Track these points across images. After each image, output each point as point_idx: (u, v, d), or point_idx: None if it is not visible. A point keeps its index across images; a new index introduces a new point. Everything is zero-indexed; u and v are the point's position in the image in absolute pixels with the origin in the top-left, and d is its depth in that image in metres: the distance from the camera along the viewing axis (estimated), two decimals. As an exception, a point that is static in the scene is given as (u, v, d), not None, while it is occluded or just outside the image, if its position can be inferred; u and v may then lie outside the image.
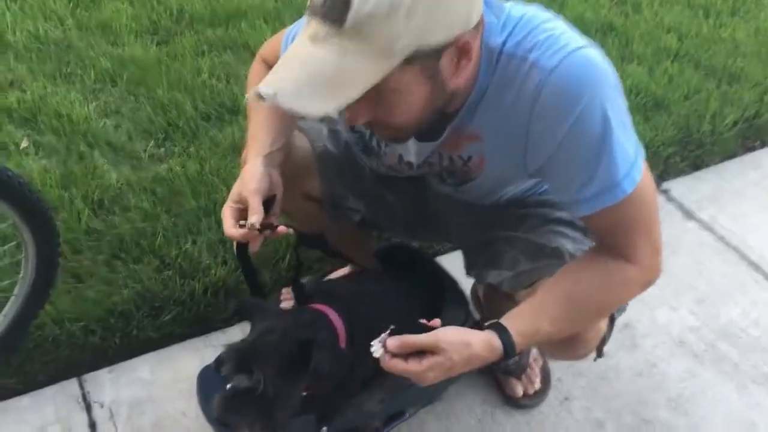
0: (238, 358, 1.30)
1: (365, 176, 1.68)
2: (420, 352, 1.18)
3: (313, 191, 1.69)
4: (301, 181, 1.66)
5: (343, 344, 1.42)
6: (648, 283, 1.32)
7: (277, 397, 1.30)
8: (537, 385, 1.89)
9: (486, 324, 1.25)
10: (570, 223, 1.53)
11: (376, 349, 1.18)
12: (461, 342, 1.19)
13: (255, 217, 1.32)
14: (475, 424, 1.83)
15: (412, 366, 1.17)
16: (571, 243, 1.50)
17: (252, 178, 1.40)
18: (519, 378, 1.89)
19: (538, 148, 1.27)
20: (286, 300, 2.06)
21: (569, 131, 1.20)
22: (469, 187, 1.54)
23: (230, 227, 1.34)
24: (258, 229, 1.31)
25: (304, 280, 2.12)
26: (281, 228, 1.40)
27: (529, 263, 1.50)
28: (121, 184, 2.34)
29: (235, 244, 1.43)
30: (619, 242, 1.29)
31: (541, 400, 1.89)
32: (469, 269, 1.67)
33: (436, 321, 1.23)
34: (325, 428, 1.52)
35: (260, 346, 1.31)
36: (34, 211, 1.64)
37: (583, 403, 1.90)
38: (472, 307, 1.86)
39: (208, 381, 1.60)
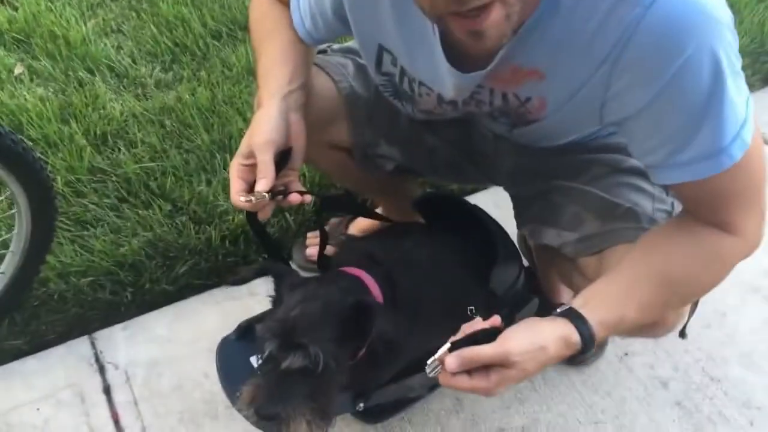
0: (282, 334, 1.11)
1: (400, 119, 1.44)
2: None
3: (340, 139, 1.46)
4: (325, 128, 1.43)
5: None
6: (749, 254, 1.09)
7: (333, 374, 1.12)
8: (594, 340, 1.70)
9: (559, 311, 1.04)
10: (646, 174, 1.30)
11: (432, 368, 0.99)
12: (535, 349, 0.98)
13: (263, 183, 1.13)
14: (525, 385, 1.66)
15: (479, 383, 0.97)
16: (650, 201, 1.27)
17: (263, 127, 1.18)
18: (574, 333, 1.69)
19: (623, 101, 1.03)
20: (313, 245, 1.87)
21: (668, 84, 0.95)
22: (526, 131, 1.30)
23: (236, 194, 1.15)
24: (269, 195, 1.11)
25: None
26: (293, 197, 1.19)
27: (596, 225, 1.28)
28: (126, 117, 2.11)
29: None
30: (718, 213, 1.06)
31: (599, 355, 1.71)
32: (521, 222, 1.46)
33: (496, 319, 1.02)
34: (361, 404, 1.35)
35: (305, 317, 1.11)
36: (19, 160, 1.43)
37: (645, 360, 1.71)
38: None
39: (231, 356, 1.42)
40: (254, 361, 1.38)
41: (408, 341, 1.22)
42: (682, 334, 1.30)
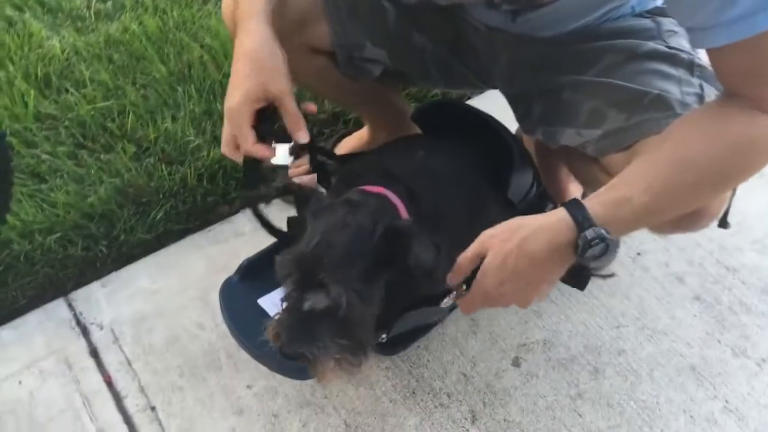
0: (302, 269, 0.99)
1: (386, 15, 1.30)
2: None
3: (321, 42, 1.31)
4: (302, 29, 1.28)
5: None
6: None
7: (362, 312, 1.01)
8: (607, 242, 1.63)
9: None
10: (669, 57, 1.18)
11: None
12: (508, 228, 0.97)
13: (303, 135, 1.11)
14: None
15: (476, 291, 1.00)
16: (677, 86, 1.15)
17: (276, 66, 1.10)
18: (585, 236, 1.61)
19: None
20: (299, 174, 1.72)
21: None
22: (533, 18, 1.18)
23: (253, 145, 1.10)
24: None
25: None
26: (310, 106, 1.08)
27: (621, 118, 1.16)
28: (68, 54, 1.90)
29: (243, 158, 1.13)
30: (759, 86, 0.95)
31: (612, 259, 1.63)
32: (529, 126, 1.33)
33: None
34: (384, 335, 1.25)
35: (327, 249, 0.99)
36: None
37: (658, 258, 1.65)
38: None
39: (236, 299, 1.29)
40: (263, 302, 1.26)
41: (440, 263, 1.12)
42: (723, 223, 1.22)
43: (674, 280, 1.61)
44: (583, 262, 0.97)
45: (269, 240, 1.33)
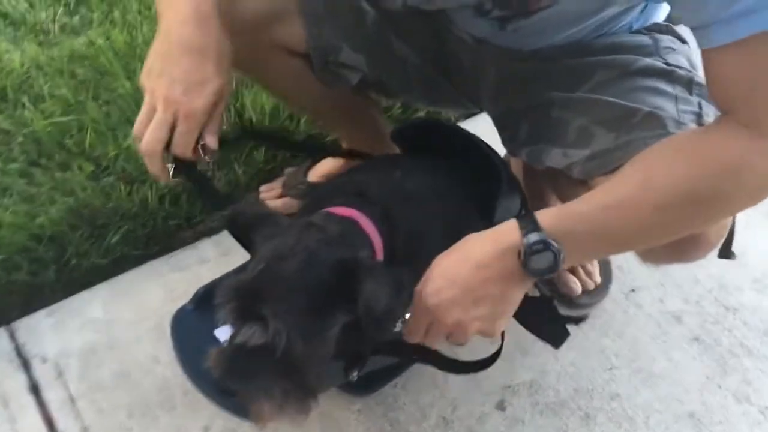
0: (240, 298, 0.88)
1: (365, 17, 1.20)
2: None
3: (295, 42, 1.21)
4: (277, 27, 1.18)
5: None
6: None
7: (308, 353, 0.88)
8: (597, 278, 1.52)
9: None
10: (666, 73, 1.09)
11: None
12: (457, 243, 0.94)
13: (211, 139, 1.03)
14: (525, 333, 1.43)
15: (417, 304, 0.94)
16: (672, 103, 1.06)
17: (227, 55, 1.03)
18: (575, 271, 1.50)
19: None
20: (270, 199, 1.61)
21: None
22: (524, 26, 1.09)
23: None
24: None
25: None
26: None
27: (610, 138, 1.06)
28: (28, 68, 1.79)
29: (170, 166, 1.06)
30: (754, 101, 0.84)
31: (603, 295, 1.52)
32: (514, 146, 1.23)
33: None
34: (356, 373, 1.12)
35: (273, 278, 0.88)
36: None
37: (653, 294, 1.54)
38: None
39: (189, 329, 1.16)
40: (220, 334, 1.13)
41: (398, 305, 0.99)
42: (725, 253, 1.11)
43: (671, 319, 1.50)
44: (529, 274, 0.89)
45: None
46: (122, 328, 1.46)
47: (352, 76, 1.24)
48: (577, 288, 1.49)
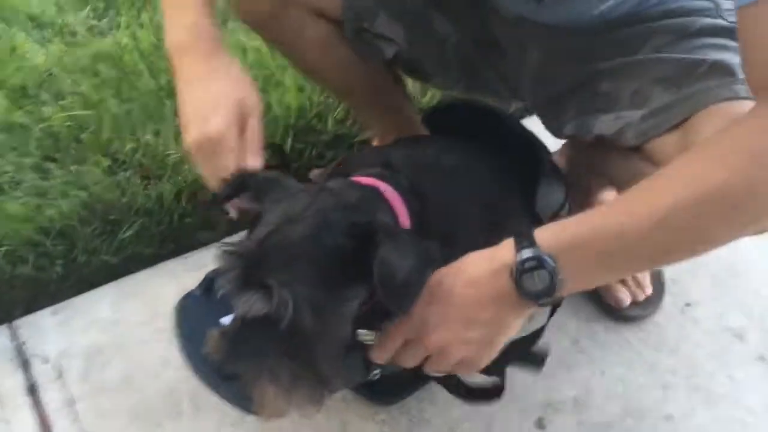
0: (242, 266, 0.77)
1: None
2: None
3: (326, 3, 1.13)
4: None
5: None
6: None
7: (319, 330, 0.77)
8: (648, 289, 1.37)
9: None
10: (729, 31, 0.97)
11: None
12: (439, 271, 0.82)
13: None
14: (569, 347, 1.32)
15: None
16: (738, 56, 0.94)
17: (244, 80, 0.98)
18: (623, 281, 1.37)
19: None
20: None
21: None
22: None
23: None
24: None
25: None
26: None
27: (669, 94, 0.95)
28: (51, 65, 1.73)
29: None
30: None
31: (655, 308, 1.38)
32: (558, 126, 1.11)
33: None
34: (378, 371, 0.99)
35: (280, 243, 0.77)
36: None
37: (710, 309, 1.39)
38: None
39: (195, 316, 1.05)
40: (227, 321, 1.02)
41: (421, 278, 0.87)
42: None
43: (731, 336, 1.34)
44: (524, 296, 0.78)
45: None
46: (131, 329, 1.35)
47: (387, 49, 1.14)
48: (626, 298, 1.35)
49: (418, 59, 1.19)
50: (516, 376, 1.27)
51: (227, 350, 0.79)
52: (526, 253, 0.77)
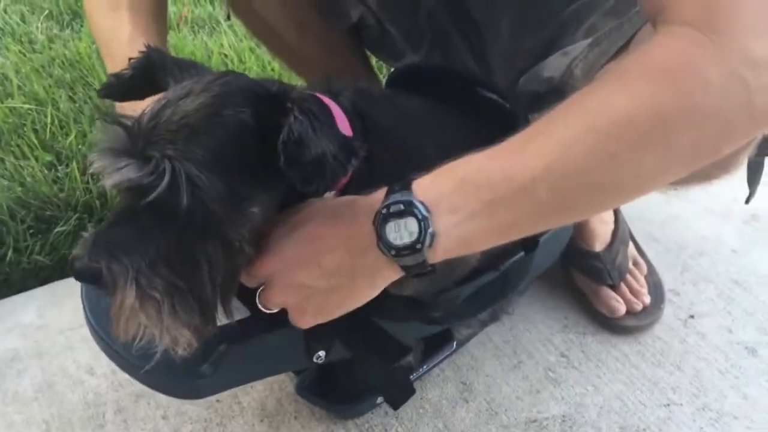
0: (125, 139, 0.62)
1: None
2: None
3: None
4: None
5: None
6: (725, 73, 0.59)
7: (201, 218, 0.62)
8: (645, 298, 1.22)
9: None
10: None
11: None
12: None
13: None
14: (555, 361, 1.15)
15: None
16: None
17: None
18: (617, 289, 1.21)
19: None
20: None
21: None
22: None
23: None
24: None
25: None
26: None
27: (615, 19, 0.86)
28: (3, 67, 1.63)
29: None
30: None
31: (654, 319, 1.21)
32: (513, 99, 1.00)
33: None
34: (321, 354, 0.83)
35: (171, 118, 0.63)
36: None
37: (717, 322, 1.22)
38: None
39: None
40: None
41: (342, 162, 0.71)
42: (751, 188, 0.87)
43: (742, 351, 1.17)
44: (384, 249, 0.65)
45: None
46: (55, 334, 1.19)
47: (352, 11, 1.03)
48: (620, 307, 1.19)
49: (387, 32, 1.08)
50: (496, 389, 1.11)
51: (92, 244, 0.63)
52: (396, 196, 0.64)
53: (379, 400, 1.04)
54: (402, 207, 0.63)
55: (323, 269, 0.66)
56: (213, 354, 0.76)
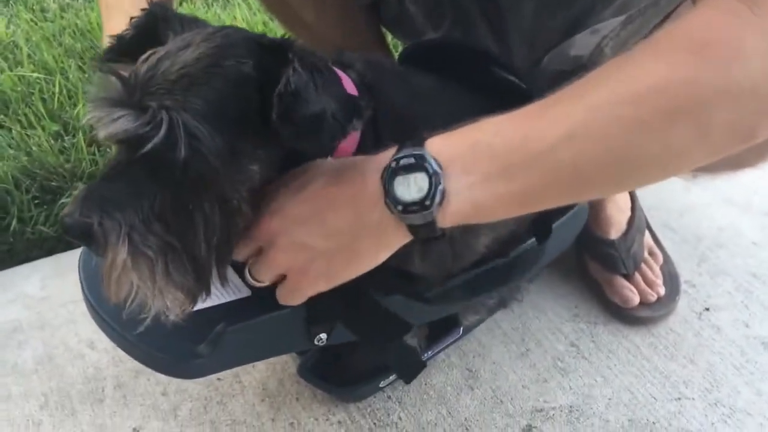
0: (120, 89, 0.59)
1: None
2: None
3: None
4: None
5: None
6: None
7: (197, 171, 0.59)
8: (660, 289, 1.18)
9: None
10: None
11: None
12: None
13: None
14: (564, 350, 1.12)
15: None
16: None
17: None
18: (631, 278, 1.18)
19: None
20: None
21: None
22: None
23: None
24: None
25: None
26: None
27: None
28: (13, 34, 1.61)
29: None
30: None
31: (668, 311, 1.18)
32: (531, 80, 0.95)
33: None
34: (323, 336, 0.80)
35: (169, 69, 0.60)
36: None
37: (733, 315, 1.19)
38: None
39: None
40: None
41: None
42: None
43: (758, 346, 1.14)
44: (391, 205, 0.62)
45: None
46: (58, 307, 1.17)
47: None
48: (634, 297, 1.16)
49: (407, 9, 1.05)
50: (502, 377, 1.09)
51: (84, 199, 0.60)
52: (407, 151, 0.61)
53: (383, 383, 1.02)
54: (413, 160, 0.60)
55: (328, 228, 0.64)
56: (211, 333, 0.74)
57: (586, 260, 1.22)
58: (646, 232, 1.24)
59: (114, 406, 1.03)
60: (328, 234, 0.64)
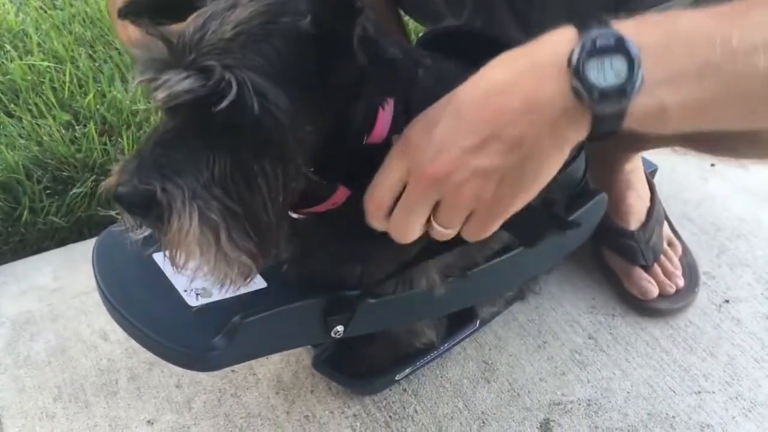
0: (175, 51, 0.57)
1: None
2: None
3: None
4: None
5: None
6: None
7: (267, 135, 0.57)
8: (679, 280, 1.17)
9: None
10: None
11: None
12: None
13: None
14: (582, 343, 1.11)
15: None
16: None
17: None
18: (649, 270, 1.16)
19: None
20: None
21: None
22: None
23: None
24: None
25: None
26: None
27: None
28: (23, 22, 1.60)
29: None
30: None
31: (687, 303, 1.16)
32: None
33: None
34: (339, 329, 0.79)
35: (220, 28, 0.57)
36: None
37: (754, 308, 1.17)
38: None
39: (118, 255, 0.85)
40: (160, 258, 0.83)
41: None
42: None
43: (780, 339, 1.13)
44: (583, 94, 0.53)
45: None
46: (71, 298, 1.16)
47: None
48: (653, 289, 1.14)
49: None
50: (519, 370, 1.08)
51: (139, 166, 0.58)
52: (598, 31, 0.53)
53: (398, 376, 1.00)
54: (611, 42, 0.52)
55: (506, 141, 0.56)
56: (226, 326, 0.73)
57: (604, 251, 1.20)
58: (665, 223, 1.22)
59: (128, 399, 1.02)
60: (509, 148, 0.57)
